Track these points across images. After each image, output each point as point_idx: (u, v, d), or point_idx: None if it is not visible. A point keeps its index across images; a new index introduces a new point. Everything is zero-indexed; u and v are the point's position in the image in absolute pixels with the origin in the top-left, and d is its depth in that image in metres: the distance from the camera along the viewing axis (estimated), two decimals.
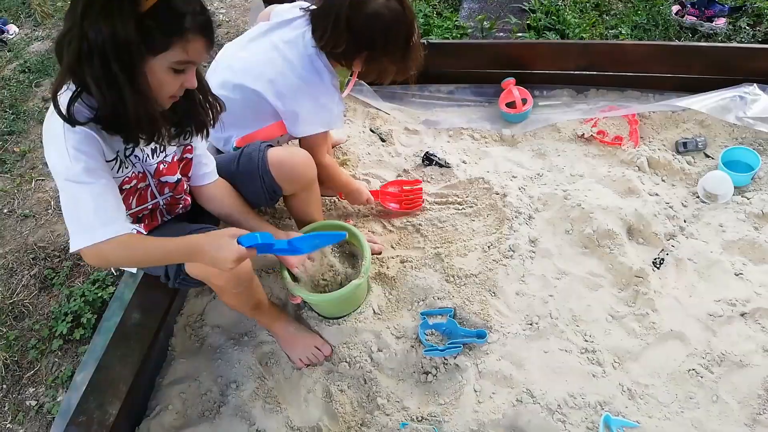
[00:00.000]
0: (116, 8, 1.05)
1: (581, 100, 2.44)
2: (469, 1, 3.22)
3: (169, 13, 1.12)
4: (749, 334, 1.65)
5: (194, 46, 1.17)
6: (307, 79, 1.71)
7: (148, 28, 1.09)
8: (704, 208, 1.98)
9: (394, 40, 1.64)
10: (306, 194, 1.80)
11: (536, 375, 1.62)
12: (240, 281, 1.51)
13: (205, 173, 1.59)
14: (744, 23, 2.76)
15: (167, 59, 1.15)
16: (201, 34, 1.17)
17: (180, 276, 1.48)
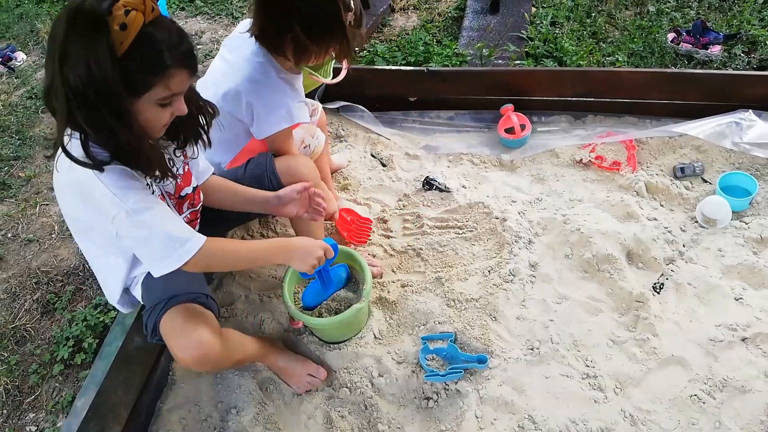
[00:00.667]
0: (92, 55, 1.04)
1: (579, 126, 2.47)
2: (468, 29, 3.28)
3: (147, 53, 1.10)
4: (750, 359, 1.65)
5: (177, 79, 1.16)
6: (252, 77, 1.65)
7: (127, 71, 1.08)
8: (703, 232, 1.99)
9: (311, 16, 1.53)
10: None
11: (538, 400, 1.61)
12: (203, 362, 1.41)
13: (203, 169, 1.60)
14: (739, 50, 2.81)
15: (152, 98, 1.15)
16: (182, 66, 1.16)
17: (156, 336, 1.44)
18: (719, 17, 3.11)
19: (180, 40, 1.15)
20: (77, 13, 1.05)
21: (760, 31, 2.88)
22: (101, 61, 1.04)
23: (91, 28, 1.04)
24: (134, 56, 1.08)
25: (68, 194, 1.28)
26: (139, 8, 1.06)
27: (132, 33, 1.06)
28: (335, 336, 1.82)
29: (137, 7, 1.06)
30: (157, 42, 1.10)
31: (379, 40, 3.42)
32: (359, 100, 2.68)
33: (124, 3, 1.05)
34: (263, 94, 1.67)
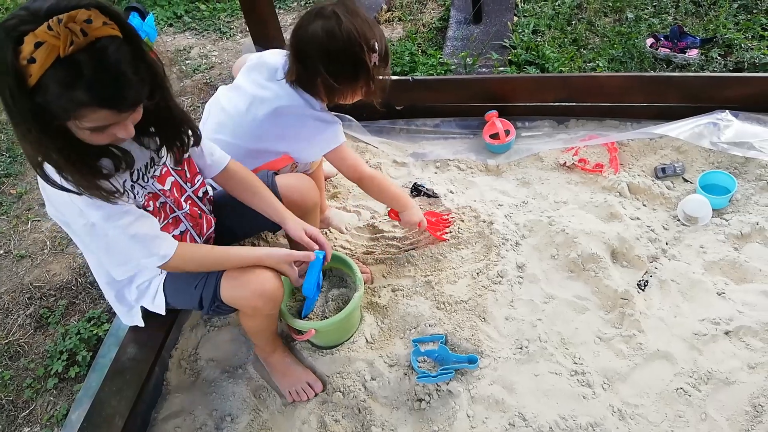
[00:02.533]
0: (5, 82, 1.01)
1: (562, 130, 2.52)
2: (452, 39, 3.34)
3: (57, 89, 1.02)
4: (734, 351, 1.69)
5: (96, 116, 1.08)
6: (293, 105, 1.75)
7: (33, 104, 1.03)
8: (685, 230, 2.04)
9: (336, 61, 1.61)
10: (308, 219, 1.85)
11: (527, 398, 1.64)
12: (277, 302, 1.57)
13: (213, 161, 1.60)
14: (715, 53, 2.88)
15: (77, 126, 1.10)
16: (103, 105, 1.07)
17: (215, 303, 1.53)
18: (696, 22, 3.19)
19: (107, 79, 1.05)
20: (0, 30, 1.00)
21: (735, 35, 2.96)
22: (11, 89, 1.01)
23: (2, 51, 0.99)
24: (44, 90, 1.01)
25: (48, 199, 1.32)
26: (52, 42, 0.98)
27: (40, 68, 0.99)
28: (332, 339, 1.84)
29: (50, 41, 0.98)
30: (69, 80, 1.01)
31: None
32: (347, 110, 2.71)
33: (37, 34, 0.98)
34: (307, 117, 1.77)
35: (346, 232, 2.25)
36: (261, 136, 1.78)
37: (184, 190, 1.54)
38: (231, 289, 1.48)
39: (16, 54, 0.99)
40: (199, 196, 1.60)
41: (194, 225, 1.59)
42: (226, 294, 1.49)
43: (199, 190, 1.59)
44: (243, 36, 3.80)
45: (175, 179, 1.50)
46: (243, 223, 1.76)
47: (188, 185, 1.55)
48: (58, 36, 0.99)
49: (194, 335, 1.96)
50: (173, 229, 1.51)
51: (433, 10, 3.80)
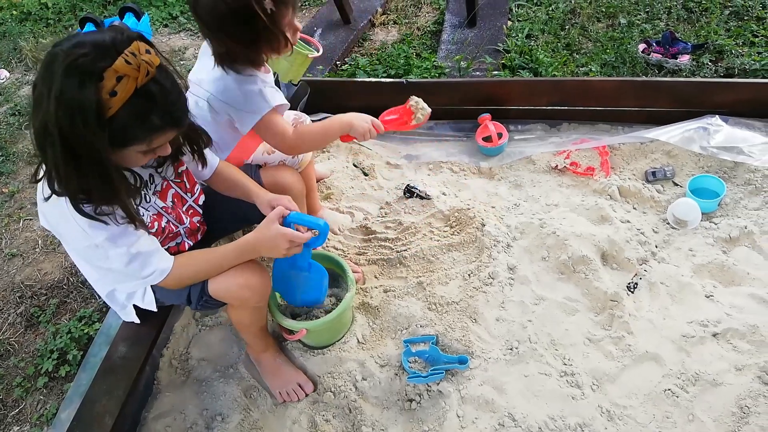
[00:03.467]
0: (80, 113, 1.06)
1: (554, 133, 2.54)
2: (446, 42, 3.36)
3: (134, 118, 1.12)
4: (721, 353, 1.70)
5: (162, 138, 1.21)
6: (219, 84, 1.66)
7: (112, 132, 1.11)
8: (674, 233, 2.06)
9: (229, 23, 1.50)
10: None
11: (517, 399, 1.65)
12: (264, 294, 1.58)
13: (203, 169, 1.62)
14: (706, 59, 2.91)
15: (135, 149, 1.20)
16: (169, 127, 1.20)
17: (203, 298, 1.53)
18: (687, 28, 3.22)
19: (171, 103, 1.17)
20: (71, 68, 1.05)
21: (726, 41, 2.99)
22: (88, 120, 1.07)
23: (82, 87, 1.05)
24: (121, 119, 1.10)
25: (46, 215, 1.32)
26: (132, 75, 1.08)
27: (120, 100, 1.08)
28: (324, 338, 1.84)
29: (130, 74, 1.07)
30: (144, 109, 1.12)
31: (361, 54, 3.49)
32: (341, 112, 2.71)
33: (118, 68, 1.06)
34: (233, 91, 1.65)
35: (339, 233, 2.26)
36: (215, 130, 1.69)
37: (185, 200, 1.56)
38: (218, 283, 1.49)
39: (98, 89, 1.06)
40: (199, 204, 1.62)
41: (190, 235, 1.61)
42: (213, 288, 1.49)
43: (199, 199, 1.61)
44: None
45: (175, 191, 1.52)
46: (232, 217, 1.77)
47: (189, 195, 1.57)
48: (138, 69, 1.08)
49: (185, 335, 1.96)
50: (170, 241, 1.54)
51: (428, 13, 3.82)
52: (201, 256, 1.48)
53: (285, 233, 1.46)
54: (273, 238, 1.45)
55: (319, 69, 3.25)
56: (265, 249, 1.47)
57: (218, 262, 1.47)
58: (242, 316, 1.66)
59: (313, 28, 3.74)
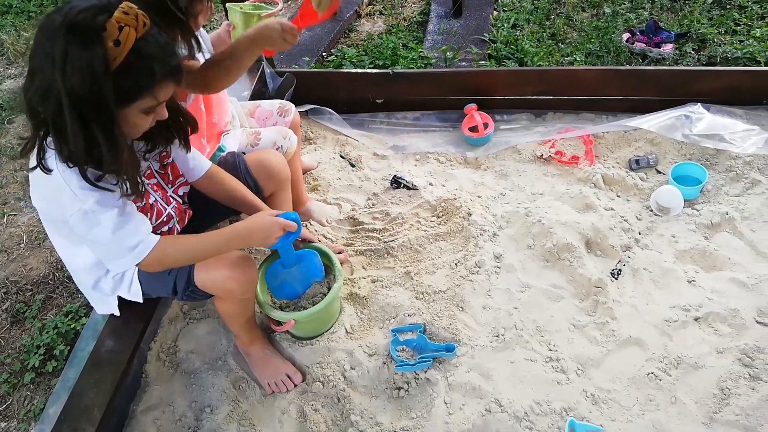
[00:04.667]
0: (88, 68, 1.08)
1: (539, 123, 2.56)
2: (432, 33, 3.36)
3: (139, 68, 1.14)
4: (703, 337, 1.73)
5: (164, 90, 1.23)
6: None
7: (119, 84, 1.13)
8: (657, 220, 2.09)
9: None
10: (282, 194, 1.88)
11: (503, 385, 1.67)
12: (250, 286, 1.58)
13: (195, 166, 1.62)
14: (689, 48, 2.94)
15: (139, 106, 1.21)
16: (170, 78, 1.22)
17: (189, 289, 1.53)
18: (671, 17, 3.25)
19: (169, 53, 1.20)
20: (72, 27, 1.07)
21: (709, 30, 3.02)
22: (96, 74, 1.08)
23: (87, 43, 1.07)
24: (127, 70, 1.12)
25: (36, 187, 1.33)
26: (132, 24, 1.10)
27: (125, 49, 1.10)
28: (313, 329, 1.85)
29: (130, 24, 1.10)
30: (148, 57, 1.15)
31: (347, 45, 3.48)
32: (327, 103, 2.73)
33: (118, 19, 1.09)
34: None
35: (327, 225, 2.26)
36: None
37: (165, 190, 1.56)
38: (204, 273, 1.49)
39: (103, 40, 1.08)
40: (179, 194, 1.61)
41: (179, 219, 1.61)
42: (199, 278, 1.50)
43: (179, 190, 1.61)
44: None
45: (157, 181, 1.52)
46: (212, 213, 1.77)
47: (169, 186, 1.57)
48: (136, 19, 1.11)
49: (173, 328, 1.96)
50: (164, 225, 1.53)
51: (414, 4, 3.82)
52: (186, 239, 1.46)
53: (278, 221, 1.48)
54: (268, 225, 1.48)
55: (306, 60, 3.24)
56: (257, 237, 1.48)
57: (203, 247, 1.45)
58: (229, 308, 1.66)
59: None
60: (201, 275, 1.49)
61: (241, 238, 1.48)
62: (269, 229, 1.48)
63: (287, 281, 1.79)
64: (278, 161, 1.84)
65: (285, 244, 1.58)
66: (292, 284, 1.80)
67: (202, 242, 1.45)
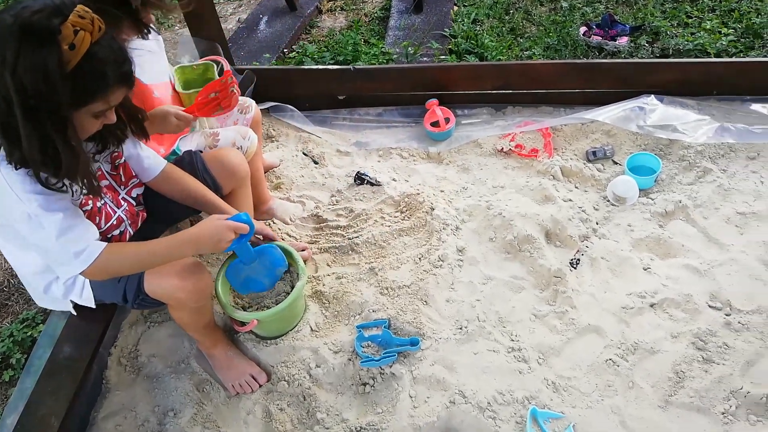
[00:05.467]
0: (41, 71, 1.06)
1: (499, 117, 2.59)
2: (393, 28, 3.37)
3: (93, 72, 1.13)
4: (658, 323, 1.78)
5: (116, 95, 1.22)
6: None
7: (73, 87, 1.12)
8: (614, 210, 2.14)
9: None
10: (241, 191, 1.86)
11: (467, 376, 1.69)
12: (201, 296, 1.55)
13: (149, 165, 1.59)
14: (643, 41, 3.02)
15: (90, 110, 1.19)
16: (123, 83, 1.21)
17: (139, 297, 1.50)
18: (626, 11, 3.32)
19: (122, 59, 1.19)
20: (26, 28, 1.05)
21: (662, 22, 3.10)
22: (50, 77, 1.07)
23: (41, 45, 1.06)
24: (80, 74, 1.11)
25: None
26: (87, 29, 1.09)
27: (80, 53, 1.09)
28: (274, 330, 1.84)
29: (86, 28, 1.09)
30: (101, 62, 1.14)
31: (308, 41, 3.46)
32: (289, 100, 2.71)
33: (74, 23, 1.08)
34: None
35: (290, 223, 2.25)
36: None
37: (117, 192, 1.53)
38: (154, 282, 1.46)
39: (58, 43, 1.06)
40: (132, 196, 1.58)
41: (132, 222, 1.57)
42: (149, 287, 1.47)
43: (132, 191, 1.58)
44: (182, 27, 3.72)
45: (109, 183, 1.49)
46: (170, 212, 1.74)
47: (122, 188, 1.54)
48: (92, 23, 1.10)
49: (134, 332, 1.93)
50: (115, 229, 1.49)
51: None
52: (133, 247, 1.43)
53: (229, 224, 1.45)
54: (218, 230, 1.44)
55: (266, 57, 3.21)
56: (209, 243, 1.45)
57: (151, 255, 1.41)
58: (183, 316, 1.63)
59: (259, 15, 3.68)
60: (151, 283, 1.47)
61: (190, 245, 1.44)
62: (219, 234, 1.44)
63: (251, 276, 1.77)
64: (237, 158, 1.81)
65: (240, 245, 1.57)
66: (257, 278, 1.78)
67: (150, 250, 1.40)
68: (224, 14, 3.81)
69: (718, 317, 1.76)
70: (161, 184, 1.63)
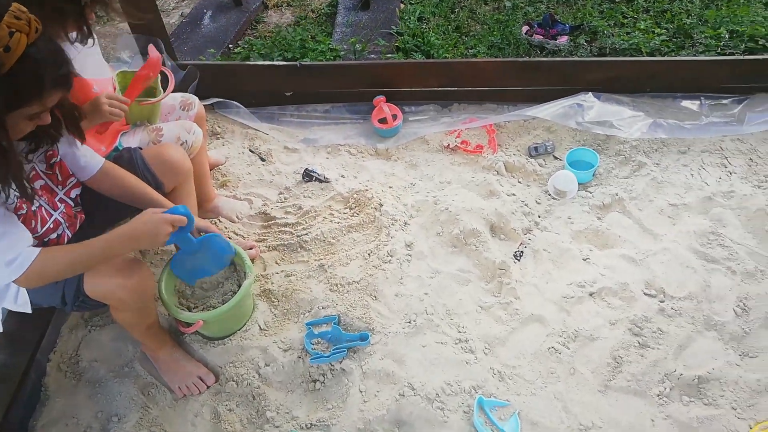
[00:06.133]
0: None
1: (446, 114, 2.64)
2: (341, 25, 3.36)
3: (29, 75, 1.10)
4: (597, 311, 1.86)
5: (52, 98, 1.19)
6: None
7: (7, 89, 1.09)
8: (555, 204, 2.21)
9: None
10: (184, 188, 1.83)
11: (416, 369, 1.72)
12: (144, 295, 1.52)
13: (86, 163, 1.54)
14: (582, 40, 3.13)
15: (25, 112, 1.16)
16: (59, 87, 1.18)
17: (79, 299, 1.45)
18: (566, 10, 3.43)
19: (60, 61, 1.17)
20: None
21: (600, 22, 3.22)
22: None
23: None
24: (16, 76, 1.08)
25: None
26: (23, 30, 1.07)
27: (15, 55, 1.06)
28: (221, 330, 1.82)
29: (22, 29, 1.06)
30: (38, 64, 1.11)
31: (254, 37, 3.41)
32: (234, 96, 2.67)
33: (9, 24, 1.05)
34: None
35: (237, 221, 2.22)
36: None
37: (55, 193, 1.47)
38: (93, 282, 1.42)
39: None
40: (71, 197, 1.53)
41: (69, 225, 1.52)
42: (89, 288, 1.43)
43: (71, 192, 1.52)
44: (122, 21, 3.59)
45: (45, 183, 1.43)
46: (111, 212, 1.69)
47: (59, 188, 1.48)
48: (28, 24, 1.07)
49: (74, 336, 1.86)
50: (52, 233, 1.44)
51: None
52: (68, 250, 1.38)
53: (165, 217, 1.43)
54: (155, 224, 1.42)
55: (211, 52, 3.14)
56: (146, 238, 1.42)
57: (88, 256, 1.36)
58: (126, 317, 1.59)
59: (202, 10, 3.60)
60: (90, 284, 1.42)
61: (127, 241, 1.41)
62: (156, 228, 1.41)
63: (197, 265, 1.74)
64: (178, 154, 1.77)
65: (180, 237, 1.54)
66: (204, 266, 1.75)
67: (86, 251, 1.36)
68: (166, 8, 3.71)
69: (653, 304, 1.86)
70: (100, 182, 1.58)
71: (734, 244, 1.99)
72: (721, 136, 2.41)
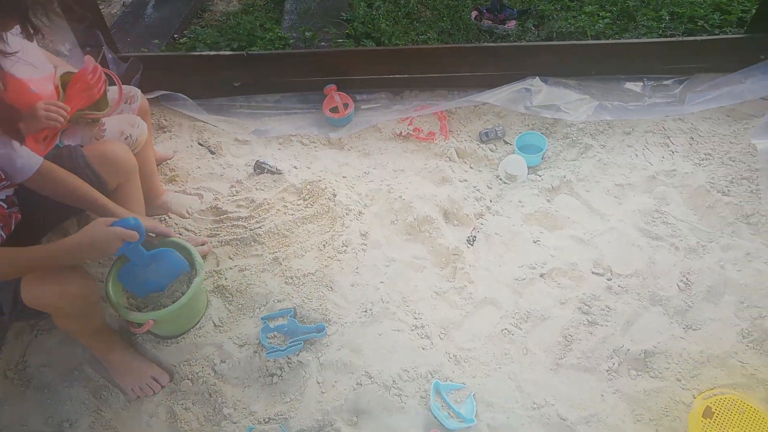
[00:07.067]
0: None
1: (398, 101, 2.63)
2: (290, 12, 3.31)
3: None
4: (548, 291, 1.91)
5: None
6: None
7: None
8: (506, 188, 2.25)
9: None
10: (129, 186, 1.78)
11: (373, 357, 1.73)
12: (85, 300, 1.47)
13: (23, 165, 1.47)
14: (530, 24, 3.16)
15: None
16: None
17: (17, 308, 1.39)
18: None
19: None
20: None
21: (547, 6, 3.26)
22: None
23: None
24: None
25: None
26: None
27: None
28: (174, 329, 1.79)
29: None
30: None
31: (200, 26, 3.32)
32: (181, 88, 2.59)
33: None
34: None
35: (187, 216, 2.18)
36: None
37: None
38: (33, 290, 1.38)
39: None
40: (2, 198, 1.46)
41: (4, 226, 1.45)
42: (27, 296, 1.38)
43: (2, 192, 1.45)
44: None
45: None
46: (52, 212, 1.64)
47: None
48: None
49: (20, 342, 1.80)
50: None
51: None
52: (6, 254, 1.32)
53: (116, 232, 1.39)
54: (104, 239, 1.38)
55: (156, 43, 3.05)
56: (92, 251, 1.38)
57: (26, 262, 1.32)
58: (69, 324, 1.55)
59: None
60: (29, 293, 1.37)
61: (73, 254, 1.37)
62: (105, 242, 1.38)
63: (148, 278, 1.70)
64: (121, 151, 1.72)
65: (130, 249, 1.50)
66: (155, 279, 1.72)
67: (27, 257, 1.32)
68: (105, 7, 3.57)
69: (601, 282, 1.91)
70: (38, 183, 1.51)
71: (677, 221, 2.07)
72: (663, 116, 2.48)
